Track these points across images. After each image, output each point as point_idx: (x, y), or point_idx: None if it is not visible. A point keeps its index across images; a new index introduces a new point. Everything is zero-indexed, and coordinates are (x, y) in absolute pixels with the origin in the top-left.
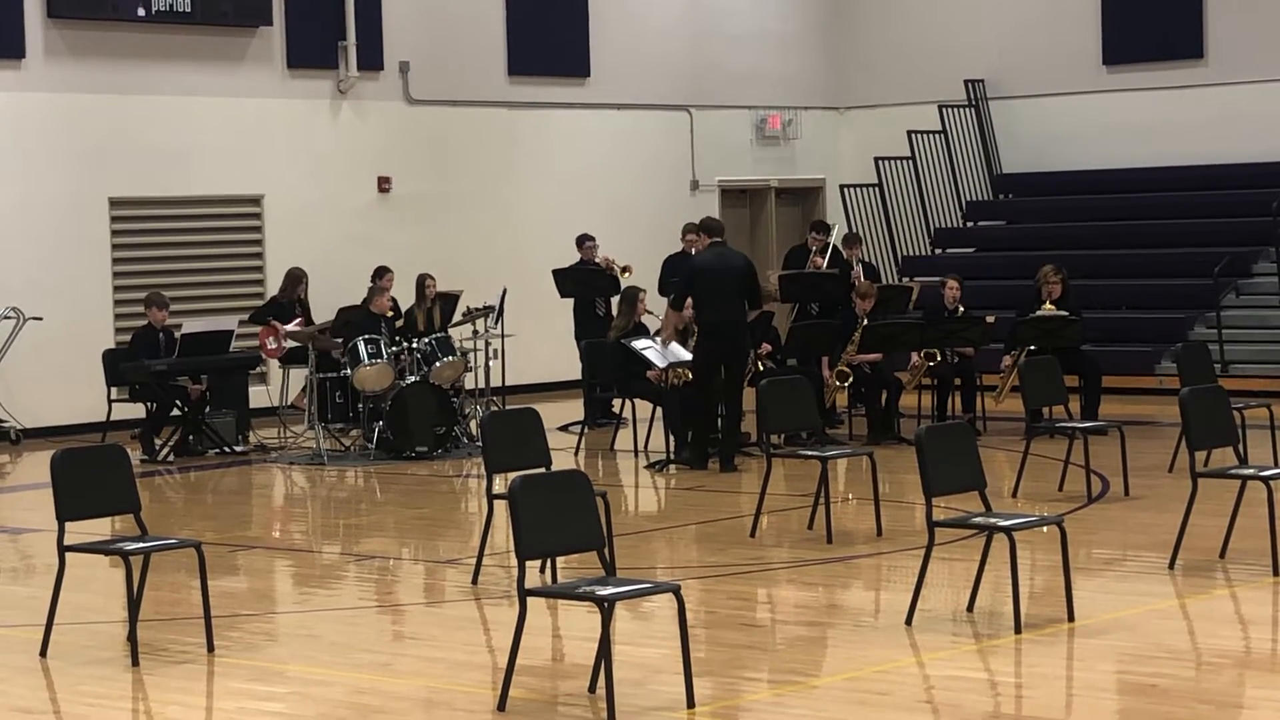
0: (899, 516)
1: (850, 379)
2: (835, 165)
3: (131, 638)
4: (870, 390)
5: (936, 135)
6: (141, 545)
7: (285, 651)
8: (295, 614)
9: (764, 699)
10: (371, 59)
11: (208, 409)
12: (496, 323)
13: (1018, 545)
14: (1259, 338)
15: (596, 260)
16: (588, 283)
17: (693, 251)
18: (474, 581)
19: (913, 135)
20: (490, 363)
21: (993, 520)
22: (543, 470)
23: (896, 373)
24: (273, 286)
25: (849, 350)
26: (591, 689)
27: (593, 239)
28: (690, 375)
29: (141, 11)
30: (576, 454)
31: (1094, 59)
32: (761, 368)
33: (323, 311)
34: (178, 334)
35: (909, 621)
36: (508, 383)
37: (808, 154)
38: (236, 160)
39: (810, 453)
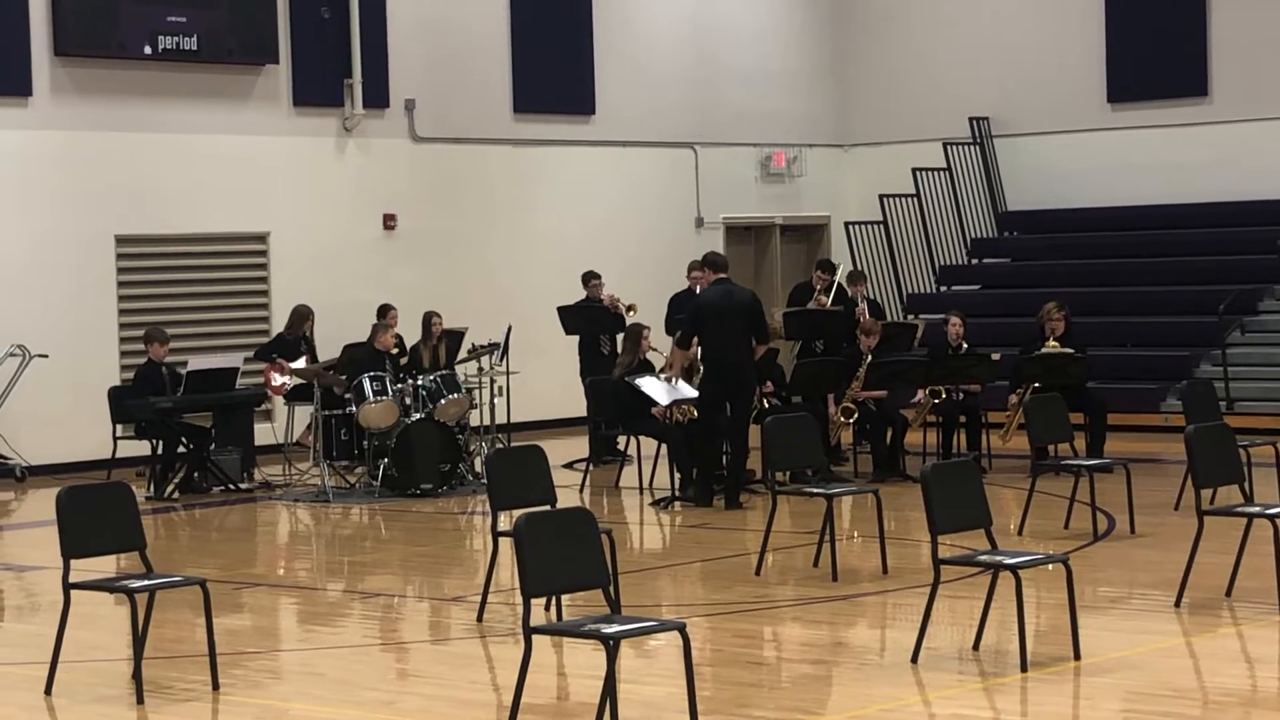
0: (904, 554)
1: (855, 416)
2: (840, 202)
3: (136, 675)
4: (875, 428)
5: (941, 173)
6: (146, 583)
7: (289, 689)
8: (300, 651)
9: None
10: (377, 97)
11: (213, 446)
12: (502, 360)
13: (1023, 583)
14: (1264, 375)
15: (601, 298)
16: (592, 320)
17: (698, 289)
18: (479, 619)
19: (917, 173)
20: (495, 400)
21: (998, 558)
22: (548, 508)
23: (901, 410)
24: (278, 324)
25: (854, 387)
26: None
27: (598, 276)
28: (695, 412)
29: (148, 50)
30: (581, 491)
31: (1099, 97)
32: (766, 405)
33: (328, 349)
34: (181, 370)
35: (915, 660)
36: (513, 420)
37: (812, 191)
38: (242, 198)
39: (815, 490)
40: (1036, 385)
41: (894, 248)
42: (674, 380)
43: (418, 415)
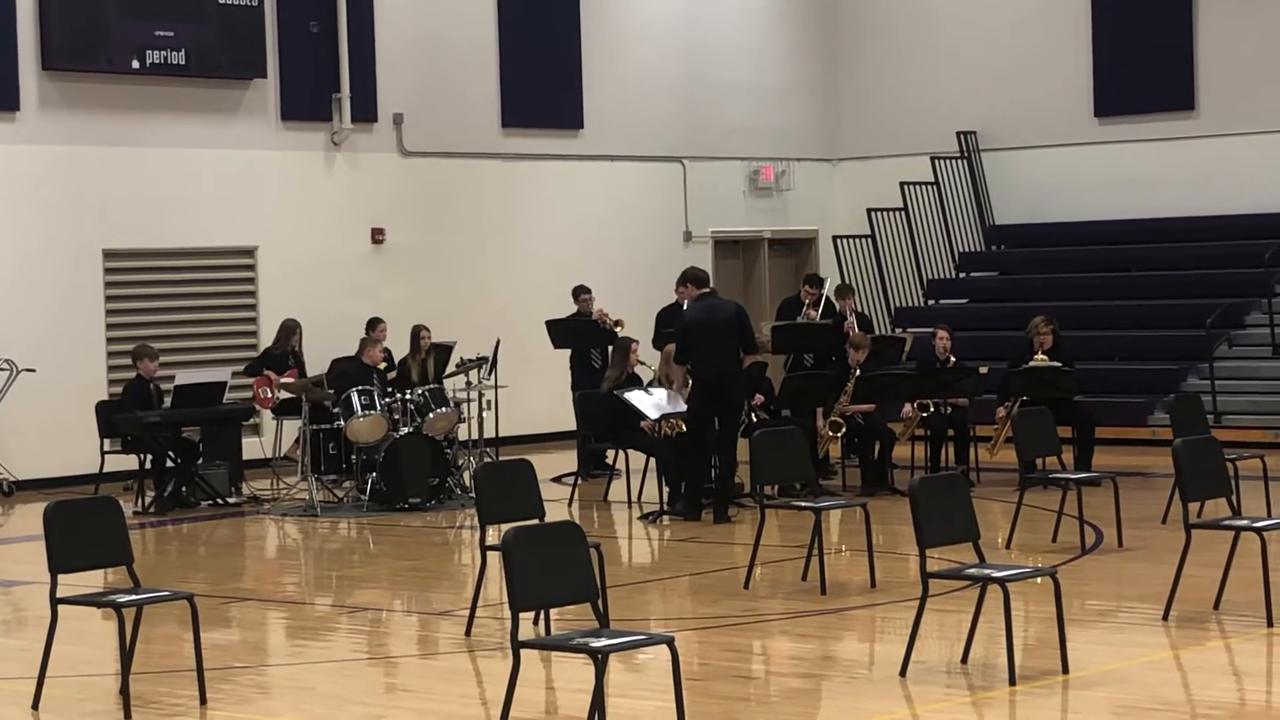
0: (893, 568)
1: (843, 430)
2: (828, 216)
3: (124, 690)
4: (864, 441)
5: (929, 187)
6: (134, 597)
7: (278, 704)
8: (288, 666)
9: None
10: (365, 111)
11: (200, 460)
12: (490, 374)
13: (1012, 596)
14: (1251, 389)
15: (591, 312)
16: (581, 334)
17: (685, 304)
18: (467, 633)
19: (905, 187)
20: (484, 414)
21: (987, 571)
22: (536, 522)
23: (890, 424)
24: (266, 338)
25: (842, 401)
26: None
27: (589, 291)
28: (684, 426)
29: (136, 64)
30: (570, 505)
31: (1086, 111)
32: (755, 419)
33: (316, 363)
34: (173, 384)
35: (903, 673)
36: (501, 434)
37: (801, 205)
38: (230, 212)
39: (804, 504)
40: (1024, 399)
41: (882, 262)
42: (679, 388)
43: (406, 429)
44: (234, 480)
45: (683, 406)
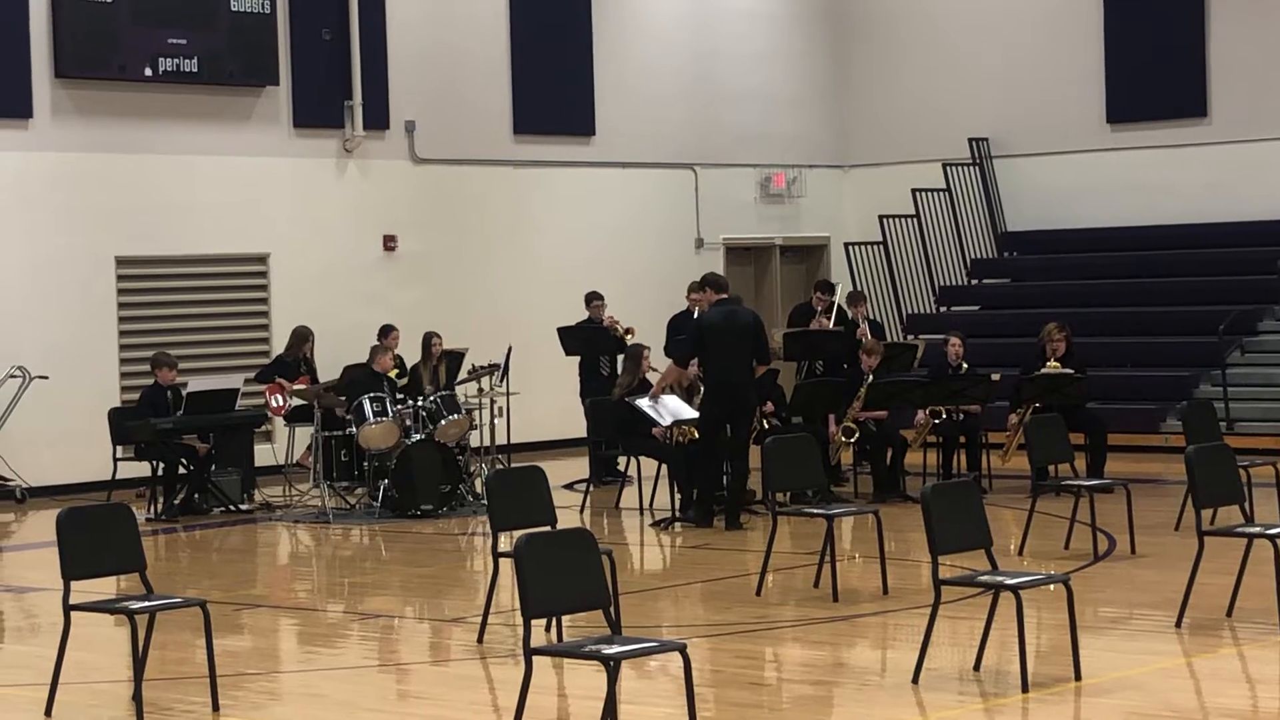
0: (905, 575)
1: (856, 436)
2: (839, 223)
3: (136, 697)
4: (876, 448)
5: (941, 193)
6: (146, 604)
7: (290, 711)
8: (300, 673)
9: None
10: (377, 118)
11: (213, 467)
12: (502, 380)
13: (1024, 603)
14: (1264, 395)
15: (602, 319)
16: (592, 341)
17: (696, 311)
18: (479, 640)
19: (917, 193)
20: (495, 421)
21: (999, 578)
22: (548, 528)
23: (902, 430)
24: (278, 345)
25: (854, 408)
26: None
27: (601, 297)
28: (695, 433)
29: (148, 71)
30: (582, 512)
31: (1098, 117)
32: (767, 425)
33: (328, 370)
34: (184, 392)
35: (915, 680)
36: (513, 441)
37: (812, 212)
38: (243, 219)
39: (816, 511)
40: (1037, 405)
41: (894, 268)
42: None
43: (418, 436)
44: (246, 487)
45: (693, 413)
